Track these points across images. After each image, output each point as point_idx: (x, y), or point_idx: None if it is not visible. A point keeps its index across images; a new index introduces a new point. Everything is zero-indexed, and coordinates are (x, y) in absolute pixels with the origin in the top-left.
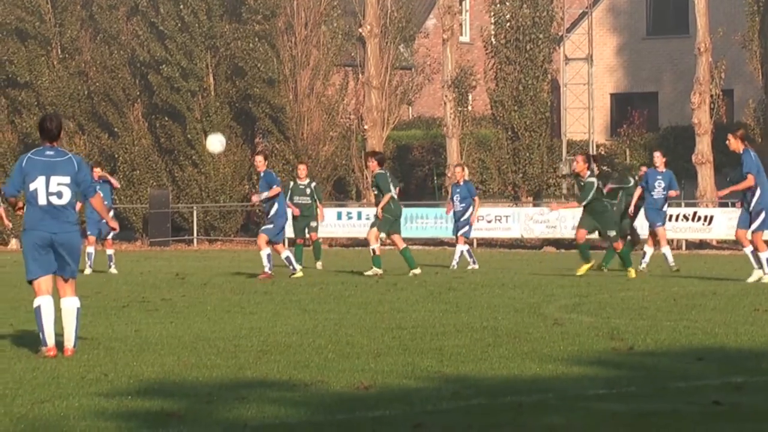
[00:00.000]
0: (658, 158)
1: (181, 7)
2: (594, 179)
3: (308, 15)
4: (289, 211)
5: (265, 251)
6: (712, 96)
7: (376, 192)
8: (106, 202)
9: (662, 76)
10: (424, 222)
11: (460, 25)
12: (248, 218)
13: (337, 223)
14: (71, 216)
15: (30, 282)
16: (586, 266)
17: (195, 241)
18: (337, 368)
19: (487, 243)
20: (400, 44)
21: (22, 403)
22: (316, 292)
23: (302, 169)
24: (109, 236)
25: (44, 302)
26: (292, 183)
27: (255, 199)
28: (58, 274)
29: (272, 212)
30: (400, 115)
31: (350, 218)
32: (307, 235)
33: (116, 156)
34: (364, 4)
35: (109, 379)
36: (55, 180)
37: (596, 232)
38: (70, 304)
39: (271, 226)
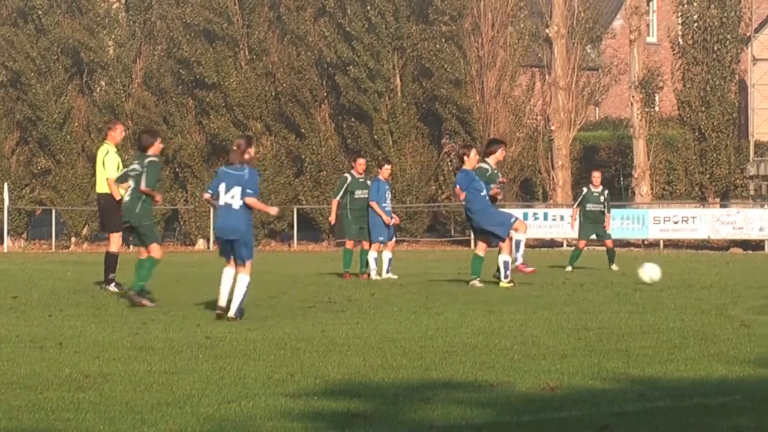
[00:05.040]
0: None
1: (369, 8)
2: None
3: (495, 16)
4: None
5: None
6: None
7: None
8: None
9: None
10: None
11: (648, 25)
12: (434, 219)
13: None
14: None
15: None
16: None
17: None
18: (523, 369)
19: (673, 244)
20: (587, 45)
21: (209, 403)
22: (502, 292)
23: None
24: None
25: None
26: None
27: None
28: None
29: None
30: (586, 115)
31: (536, 219)
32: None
33: (303, 157)
34: (551, 5)
35: (296, 380)
36: None
37: None
38: None
39: None
